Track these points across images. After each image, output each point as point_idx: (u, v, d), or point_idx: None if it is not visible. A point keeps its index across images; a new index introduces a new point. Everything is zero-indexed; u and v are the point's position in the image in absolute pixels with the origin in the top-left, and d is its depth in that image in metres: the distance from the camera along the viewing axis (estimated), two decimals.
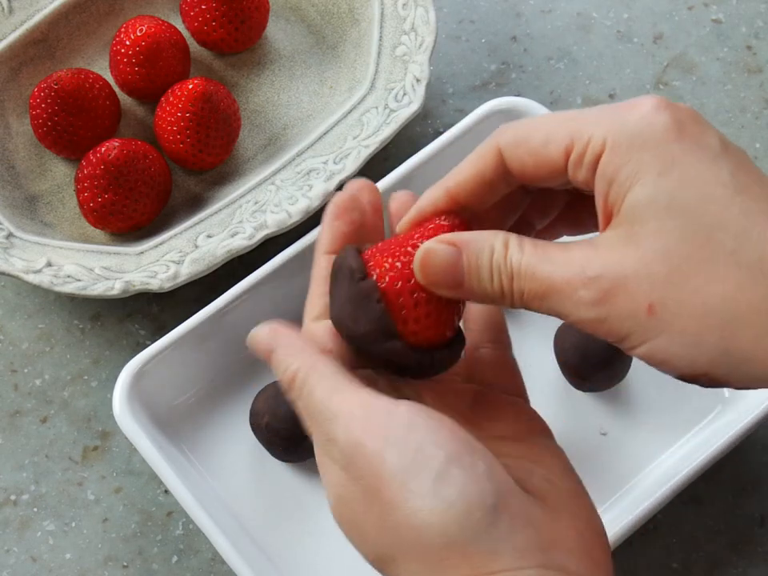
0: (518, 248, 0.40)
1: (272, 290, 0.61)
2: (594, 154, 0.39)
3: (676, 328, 0.37)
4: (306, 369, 0.42)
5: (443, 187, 0.44)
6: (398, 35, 0.68)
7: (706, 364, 0.38)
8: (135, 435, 0.57)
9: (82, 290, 0.61)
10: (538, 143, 0.41)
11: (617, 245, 0.38)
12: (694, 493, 0.60)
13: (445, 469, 0.38)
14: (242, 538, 0.57)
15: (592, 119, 0.40)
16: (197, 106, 0.65)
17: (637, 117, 0.40)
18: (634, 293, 0.38)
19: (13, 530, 0.61)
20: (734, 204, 0.38)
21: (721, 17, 0.74)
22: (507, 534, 0.38)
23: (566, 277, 0.39)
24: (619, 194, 0.39)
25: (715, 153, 0.39)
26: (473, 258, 0.41)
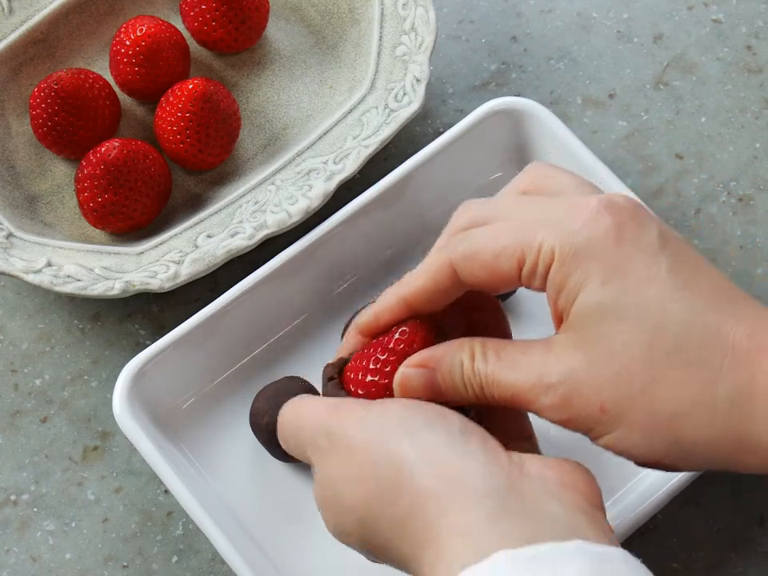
0: (483, 359, 0.44)
1: (272, 290, 0.61)
2: (545, 265, 0.42)
3: (628, 424, 0.41)
4: (292, 401, 0.48)
5: (398, 296, 0.46)
6: (398, 35, 0.68)
7: (660, 453, 0.41)
8: (135, 435, 0.57)
9: (82, 290, 0.61)
10: (489, 258, 0.43)
11: (569, 350, 0.42)
12: (694, 493, 0.60)
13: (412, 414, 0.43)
14: (241, 538, 0.57)
15: (539, 228, 0.43)
16: (197, 105, 0.65)
17: (580, 224, 0.42)
18: (587, 396, 0.41)
19: (13, 530, 0.61)
20: (673, 301, 0.41)
21: (721, 17, 0.74)
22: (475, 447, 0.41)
23: (527, 385, 0.42)
24: (568, 301, 0.42)
25: (654, 251, 0.42)
26: (447, 376, 0.44)
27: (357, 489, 0.42)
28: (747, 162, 0.69)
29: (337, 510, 0.44)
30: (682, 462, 0.42)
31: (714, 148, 0.70)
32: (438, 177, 0.64)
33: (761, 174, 0.69)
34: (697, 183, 0.69)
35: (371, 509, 0.42)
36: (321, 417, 0.45)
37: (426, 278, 0.45)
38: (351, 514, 0.43)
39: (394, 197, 0.63)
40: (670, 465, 0.42)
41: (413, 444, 0.41)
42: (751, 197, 0.68)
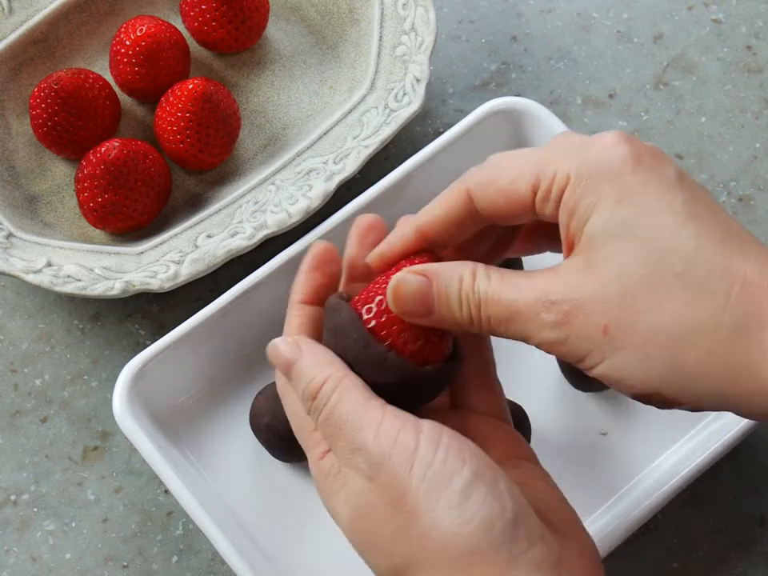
0: (485, 277, 0.42)
1: (272, 290, 0.61)
2: (559, 189, 0.42)
3: (628, 346, 0.40)
4: (334, 381, 0.44)
5: (413, 225, 0.45)
6: (398, 35, 0.68)
7: (657, 381, 0.40)
8: (135, 435, 0.57)
9: (82, 290, 0.61)
10: (506, 182, 0.43)
11: (576, 270, 0.41)
12: (694, 493, 0.60)
13: (470, 483, 0.40)
14: (241, 538, 0.57)
15: (557, 155, 0.42)
16: (197, 105, 0.65)
17: (597, 150, 0.42)
18: (591, 314, 0.40)
19: (13, 530, 0.61)
20: (685, 228, 0.40)
21: (721, 17, 0.74)
22: (525, 547, 0.40)
23: (529, 301, 0.41)
24: (579, 224, 0.41)
25: (670, 183, 0.41)
26: (442, 288, 0.43)
27: (396, 546, 0.41)
28: (747, 162, 0.69)
29: (368, 549, 0.43)
30: (681, 392, 0.40)
31: (714, 148, 0.70)
32: (438, 177, 0.64)
33: (761, 174, 0.69)
34: None
35: (412, 564, 0.41)
36: (367, 433, 0.42)
37: (441, 206, 0.44)
38: (383, 562, 0.42)
39: (394, 197, 0.63)
40: (666, 396, 0.40)
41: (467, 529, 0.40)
42: (751, 197, 0.68)
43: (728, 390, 0.39)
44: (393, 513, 0.41)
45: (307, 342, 0.46)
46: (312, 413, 0.44)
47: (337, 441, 0.43)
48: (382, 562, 0.42)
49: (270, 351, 0.46)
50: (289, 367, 0.45)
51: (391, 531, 0.41)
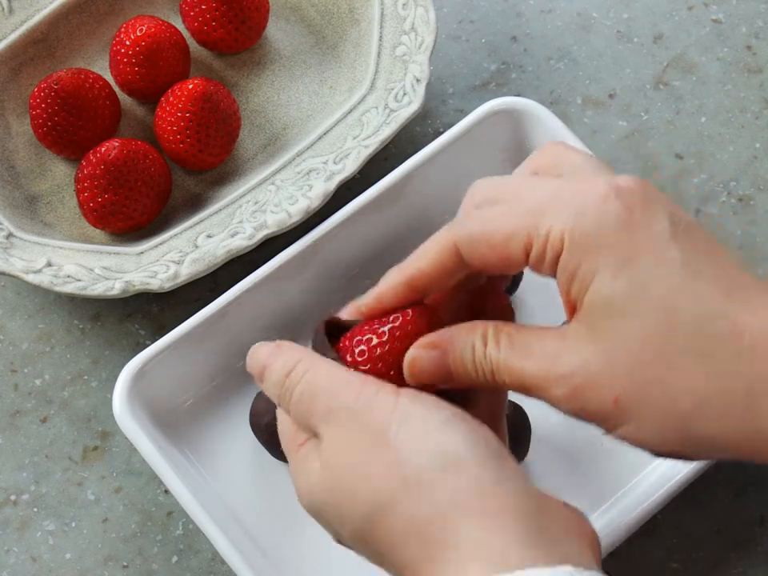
0: (495, 344, 0.43)
1: (272, 290, 0.61)
2: (554, 252, 0.41)
3: (642, 417, 0.40)
4: (307, 361, 0.44)
5: (402, 278, 0.45)
6: (398, 35, 0.68)
7: (673, 446, 0.41)
8: (135, 435, 0.57)
9: (82, 290, 0.61)
10: (497, 241, 0.42)
11: (582, 340, 0.41)
12: (694, 493, 0.60)
13: (452, 418, 0.42)
14: (241, 538, 0.57)
15: (548, 210, 0.42)
16: (197, 105, 0.65)
17: (590, 211, 0.41)
18: (600, 389, 0.40)
19: (13, 530, 0.61)
20: (686, 293, 0.40)
21: (721, 17, 0.74)
22: (512, 471, 0.41)
23: (539, 374, 0.42)
24: (580, 291, 0.41)
25: (665, 239, 0.41)
26: (458, 358, 0.43)
27: (374, 482, 0.41)
28: (747, 162, 0.69)
29: (341, 497, 0.43)
30: (698, 453, 0.41)
31: (714, 148, 0.70)
32: (438, 177, 0.64)
33: (761, 173, 0.69)
34: (697, 183, 0.69)
35: (384, 506, 0.41)
36: (344, 391, 0.43)
37: (428, 259, 0.44)
38: (358, 507, 0.42)
39: (394, 197, 0.63)
40: (685, 456, 0.41)
41: (449, 452, 0.41)
42: (751, 197, 0.68)
43: (745, 449, 0.40)
44: (372, 451, 0.41)
45: (286, 343, 0.46)
46: (284, 396, 0.44)
47: (313, 409, 0.43)
48: (357, 509, 0.42)
49: (249, 355, 0.47)
50: (261, 371, 0.46)
51: (371, 470, 0.41)
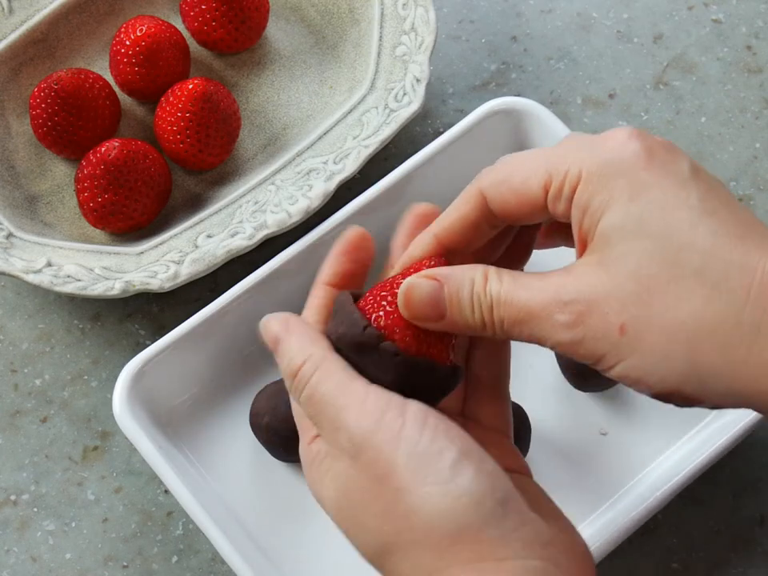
0: (497, 279, 0.42)
1: (272, 290, 0.61)
2: (571, 187, 0.41)
3: (646, 346, 0.39)
4: (315, 359, 0.43)
5: (431, 233, 0.45)
6: (398, 35, 0.68)
7: (676, 381, 0.39)
8: (135, 435, 0.57)
9: (82, 290, 0.61)
10: (518, 181, 0.42)
11: (590, 269, 0.40)
12: (694, 493, 0.60)
13: (458, 460, 0.40)
14: (241, 538, 0.57)
15: (569, 153, 0.42)
16: (197, 105, 0.65)
17: (609, 147, 0.41)
18: (606, 314, 0.39)
19: (13, 530, 0.61)
20: (701, 225, 0.39)
21: (721, 17, 0.74)
22: (516, 525, 0.39)
23: (542, 302, 0.40)
24: (593, 221, 0.40)
25: (684, 178, 0.40)
26: (454, 291, 0.42)
27: (381, 523, 0.41)
28: (747, 162, 0.69)
29: (353, 527, 0.42)
30: (702, 390, 0.39)
31: (714, 148, 0.70)
32: (438, 177, 0.64)
33: (761, 173, 0.69)
34: None
35: (390, 548, 0.40)
36: (349, 413, 0.41)
37: (456, 211, 0.44)
38: (369, 540, 0.42)
39: (394, 197, 0.63)
40: (687, 395, 0.39)
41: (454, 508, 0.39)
42: (751, 197, 0.68)
43: (748, 388, 0.39)
44: (378, 491, 0.40)
45: (297, 320, 0.45)
46: (293, 392, 0.44)
47: (320, 420, 0.42)
48: (368, 542, 0.42)
49: (261, 327, 0.46)
50: (275, 344, 0.45)
51: (377, 510, 0.41)
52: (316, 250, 0.62)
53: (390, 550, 0.41)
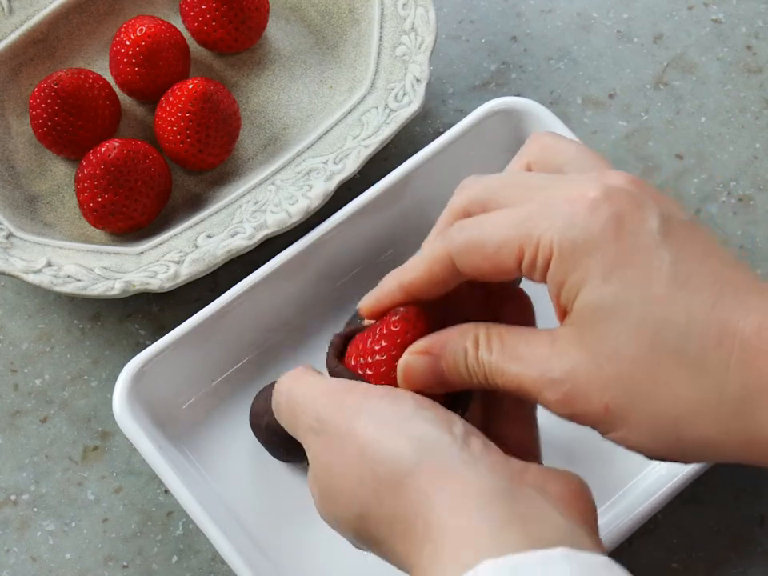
0: (487, 349, 0.43)
1: (272, 290, 0.61)
2: (544, 260, 0.42)
3: (632, 423, 0.41)
4: (287, 377, 0.46)
5: (397, 282, 0.46)
6: (398, 35, 0.68)
7: (665, 451, 0.41)
8: (135, 435, 0.57)
9: (82, 290, 0.61)
10: (490, 251, 0.43)
11: (572, 344, 0.41)
12: (694, 493, 0.60)
13: (415, 411, 0.42)
14: (241, 538, 0.57)
15: (539, 219, 0.42)
16: (197, 105, 0.65)
17: (579, 218, 0.41)
18: (590, 396, 0.41)
19: (13, 530, 0.61)
20: (676, 300, 0.40)
21: (721, 17, 0.74)
22: (478, 454, 0.41)
23: (531, 379, 0.42)
24: (569, 297, 0.41)
25: (655, 241, 0.41)
26: (450, 363, 0.44)
27: (354, 485, 0.42)
28: (747, 162, 0.69)
29: (333, 501, 0.44)
30: (691, 457, 0.41)
31: (714, 148, 0.70)
32: (438, 177, 0.64)
33: (761, 173, 0.69)
34: (697, 183, 0.69)
35: (369, 506, 0.42)
36: (317, 400, 0.44)
37: (423, 269, 0.45)
38: (349, 508, 0.43)
39: (394, 197, 0.63)
40: (678, 459, 0.42)
41: (415, 443, 0.41)
42: (751, 197, 0.68)
43: (739, 454, 0.40)
44: (346, 453, 0.42)
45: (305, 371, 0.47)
46: (276, 406, 0.47)
47: (295, 422, 0.45)
48: (347, 517, 0.43)
49: None
50: None
51: (348, 474, 0.42)
52: (316, 250, 0.62)
53: (366, 514, 0.42)
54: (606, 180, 0.42)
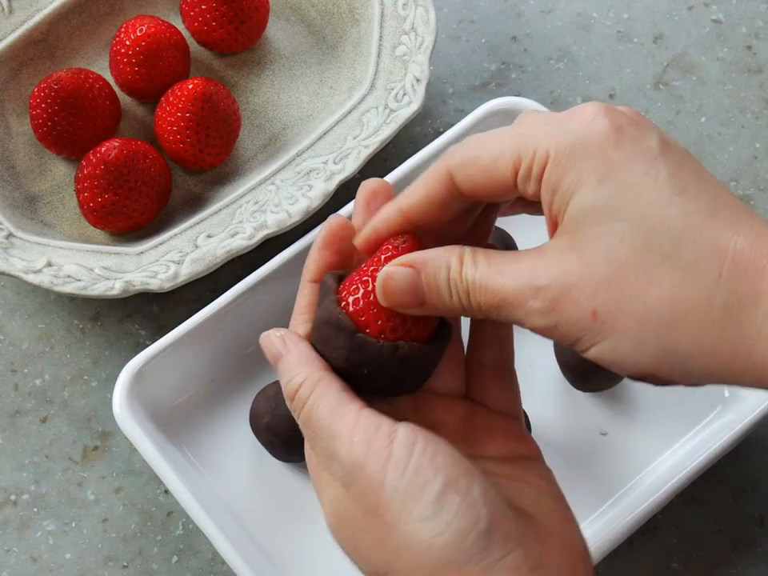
0: (472, 263, 0.42)
1: (272, 290, 0.61)
2: (540, 167, 0.41)
3: (618, 331, 0.39)
4: (311, 382, 0.43)
5: (397, 207, 0.45)
6: (398, 35, 0.68)
7: (650, 364, 0.39)
8: (135, 435, 0.57)
9: (82, 290, 0.61)
10: (487, 162, 0.42)
11: (561, 253, 0.40)
12: (694, 493, 0.60)
13: (442, 493, 0.40)
14: (241, 538, 0.57)
15: (537, 132, 0.41)
16: (197, 105, 0.65)
17: (577, 126, 0.41)
18: (578, 299, 0.39)
19: (13, 530, 0.61)
20: (671, 205, 0.39)
21: (721, 17, 0.74)
22: (500, 555, 0.40)
23: (516, 288, 0.40)
24: (562, 203, 0.40)
25: (654, 155, 0.40)
26: (431, 277, 0.42)
27: (372, 552, 0.41)
28: (747, 162, 0.69)
29: (349, 549, 0.43)
30: (675, 373, 0.39)
31: (714, 148, 0.70)
32: None
33: (761, 174, 0.69)
34: None
35: (389, 570, 0.41)
36: (342, 437, 0.42)
37: (423, 188, 0.44)
38: (363, 565, 0.42)
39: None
40: (662, 377, 0.40)
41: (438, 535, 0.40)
42: (751, 197, 0.68)
43: (722, 369, 0.39)
44: (368, 522, 0.41)
45: (293, 338, 0.45)
46: (293, 412, 0.44)
47: (316, 444, 0.43)
48: (363, 565, 0.42)
49: (261, 342, 0.46)
50: (276, 362, 0.45)
51: (368, 540, 0.41)
52: None
53: (383, 574, 0.41)
54: (605, 104, 0.42)
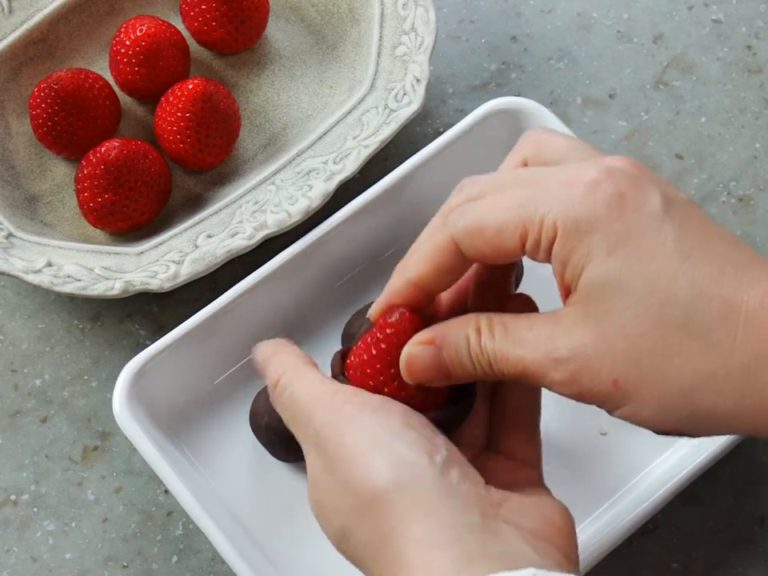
0: (489, 334, 0.43)
1: (272, 290, 0.61)
2: (548, 240, 0.42)
3: (642, 398, 0.40)
4: (291, 372, 0.45)
5: (405, 280, 0.45)
6: (398, 35, 0.68)
7: (675, 424, 0.41)
8: (135, 435, 0.57)
9: (82, 290, 0.61)
10: (491, 234, 0.43)
11: (577, 323, 0.41)
12: (694, 493, 0.60)
13: (401, 431, 0.42)
14: (241, 538, 0.57)
15: (540, 202, 0.42)
16: (197, 106, 0.65)
17: (580, 197, 0.41)
18: (599, 372, 0.41)
19: (13, 530, 0.61)
20: (680, 274, 0.40)
21: (721, 17, 0.74)
22: (455, 485, 0.41)
23: (536, 360, 0.42)
24: (574, 275, 0.41)
25: (659, 219, 0.41)
26: (453, 353, 0.44)
27: (337, 500, 0.42)
28: (747, 162, 0.69)
29: (322, 510, 0.44)
30: (701, 430, 0.41)
31: (714, 148, 0.70)
32: (438, 177, 0.64)
33: (761, 174, 0.69)
34: (697, 183, 0.69)
35: (350, 523, 0.42)
36: (317, 407, 0.44)
37: (430, 259, 0.44)
38: (332, 523, 0.43)
39: (394, 197, 0.63)
40: (688, 433, 0.42)
41: (396, 471, 0.41)
42: (751, 197, 0.68)
43: (748, 425, 0.40)
44: (332, 472, 0.42)
45: (285, 343, 0.48)
46: (276, 404, 0.46)
47: (296, 423, 0.45)
48: (328, 530, 0.43)
49: (253, 353, 0.49)
50: (264, 365, 0.47)
51: (333, 491, 0.42)
52: (316, 250, 0.62)
53: (346, 533, 0.42)
54: (606, 162, 0.42)
